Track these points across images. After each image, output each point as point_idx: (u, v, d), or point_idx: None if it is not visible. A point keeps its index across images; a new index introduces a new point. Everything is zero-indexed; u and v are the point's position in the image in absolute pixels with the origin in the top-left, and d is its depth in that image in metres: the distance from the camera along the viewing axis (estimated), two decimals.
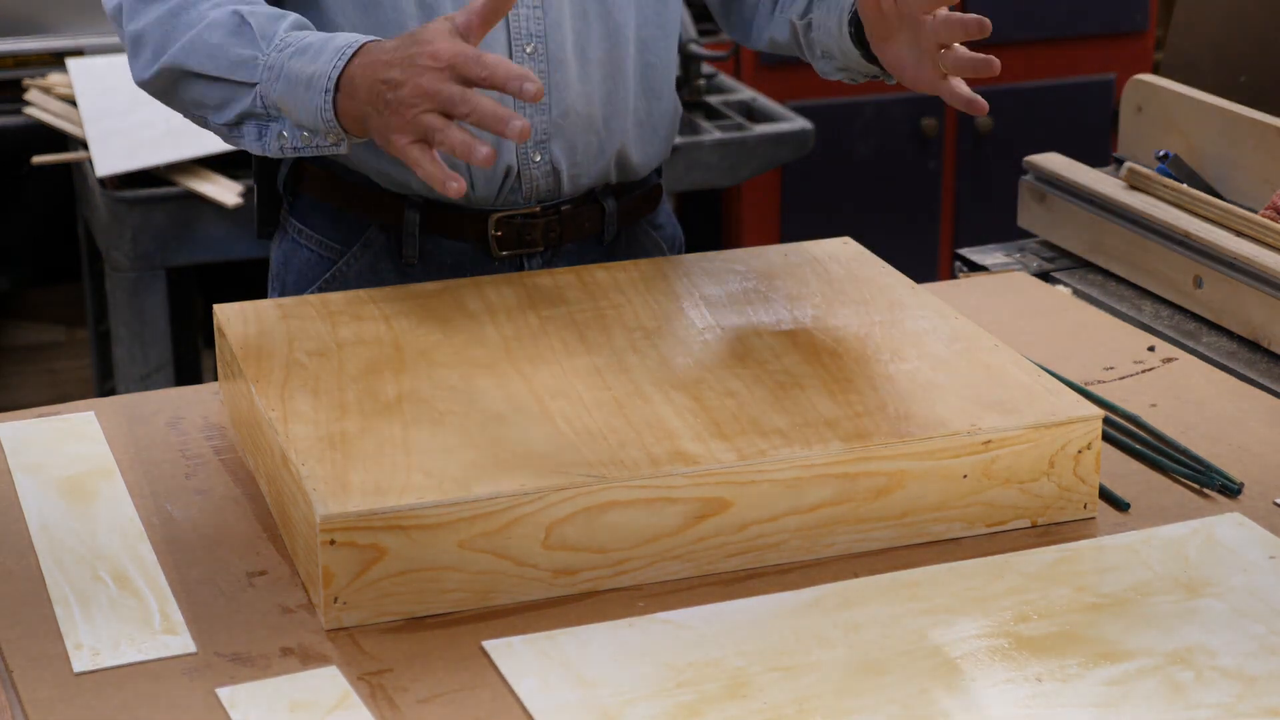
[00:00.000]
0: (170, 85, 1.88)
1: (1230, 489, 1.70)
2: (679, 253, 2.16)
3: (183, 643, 1.48)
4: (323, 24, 1.93)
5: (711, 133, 3.66)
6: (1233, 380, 1.95)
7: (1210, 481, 1.71)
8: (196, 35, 1.83)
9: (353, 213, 1.99)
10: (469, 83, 1.65)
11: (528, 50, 1.93)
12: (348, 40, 1.76)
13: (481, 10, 1.68)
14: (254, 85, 1.81)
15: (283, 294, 2.05)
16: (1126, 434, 1.81)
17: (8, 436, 1.82)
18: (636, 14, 1.99)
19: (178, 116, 1.97)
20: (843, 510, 1.60)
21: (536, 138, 1.95)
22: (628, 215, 2.07)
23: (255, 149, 1.87)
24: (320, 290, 2.02)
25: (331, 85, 1.74)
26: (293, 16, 1.84)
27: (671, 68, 2.07)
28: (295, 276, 2.05)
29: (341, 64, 1.74)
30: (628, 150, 2.02)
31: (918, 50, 1.80)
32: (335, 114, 1.75)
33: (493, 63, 1.65)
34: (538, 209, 1.99)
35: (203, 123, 1.92)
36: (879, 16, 1.81)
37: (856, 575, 1.57)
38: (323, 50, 1.76)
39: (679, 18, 2.05)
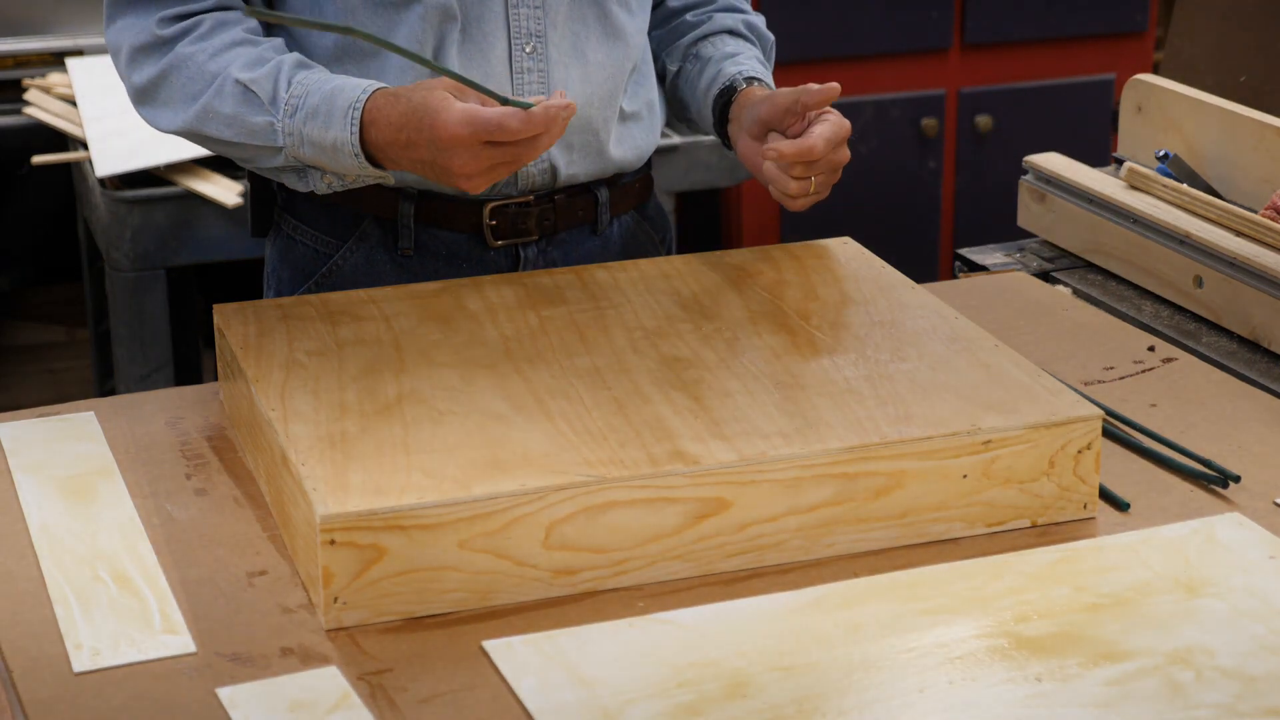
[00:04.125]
0: (195, 141, 1.94)
1: (1230, 476, 1.71)
2: (668, 240, 2.18)
3: (183, 643, 1.48)
4: None
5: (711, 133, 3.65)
6: (1233, 380, 1.95)
7: (1213, 477, 1.72)
8: (208, 104, 1.88)
9: (347, 206, 1.99)
10: (491, 142, 1.76)
11: (527, 50, 1.94)
12: (349, 98, 1.82)
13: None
14: (280, 148, 1.88)
15: (278, 291, 2.06)
16: (1125, 433, 1.81)
17: (8, 436, 1.82)
18: (632, 17, 2.02)
19: None
20: (843, 510, 1.60)
21: None
22: (620, 204, 2.08)
23: (300, 188, 1.93)
24: (317, 284, 2.02)
25: (358, 149, 1.83)
26: (288, 61, 1.87)
27: (652, 61, 2.12)
28: (291, 272, 2.05)
29: (356, 129, 1.82)
30: (622, 145, 2.04)
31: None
32: (373, 167, 1.85)
33: (517, 126, 1.74)
34: (531, 198, 2.00)
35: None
36: (775, 116, 1.93)
37: (856, 575, 1.57)
38: (331, 115, 1.83)
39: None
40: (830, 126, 1.90)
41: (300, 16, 1.90)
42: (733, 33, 2.12)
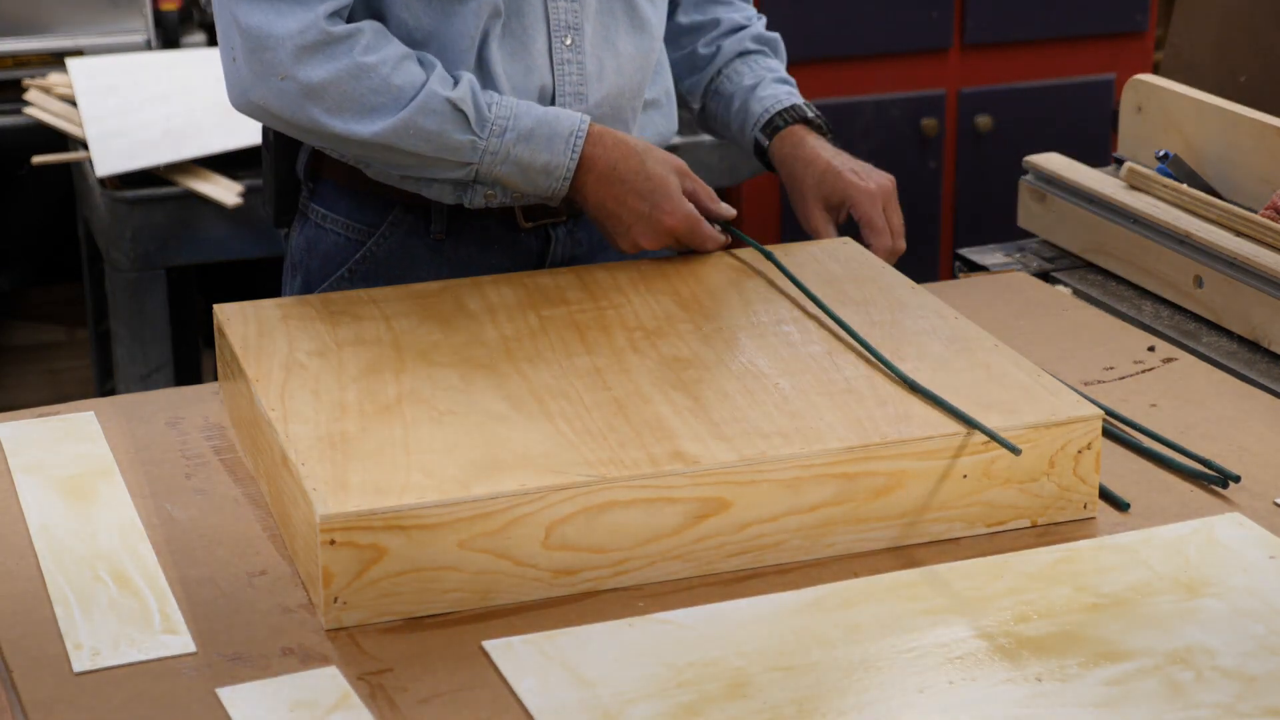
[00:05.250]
0: (358, 150, 1.94)
1: (1230, 476, 1.71)
2: None
3: (183, 643, 1.48)
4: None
5: None
6: (1233, 380, 1.95)
7: (1214, 478, 1.72)
8: (409, 120, 1.88)
9: (378, 194, 2.00)
10: (680, 242, 1.98)
11: (566, 43, 1.98)
12: (569, 126, 1.93)
13: (705, 209, 1.98)
14: (470, 164, 1.92)
15: (306, 280, 2.07)
16: (1126, 433, 1.81)
17: (8, 436, 1.82)
18: (655, 9, 2.06)
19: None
20: (843, 510, 1.60)
21: None
22: None
23: (446, 200, 1.98)
24: (350, 271, 2.04)
25: (570, 175, 1.94)
26: (473, 79, 1.92)
27: (665, 51, 2.17)
28: (321, 262, 2.06)
29: (577, 156, 1.93)
30: (646, 132, 2.09)
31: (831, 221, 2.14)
32: (569, 197, 1.96)
33: (707, 237, 1.97)
34: None
35: (363, 166, 2.00)
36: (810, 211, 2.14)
37: (856, 575, 1.57)
38: (551, 140, 1.93)
39: None
40: (897, 218, 2.09)
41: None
42: (743, 55, 2.19)
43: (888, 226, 2.07)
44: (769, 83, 2.17)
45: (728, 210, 1.99)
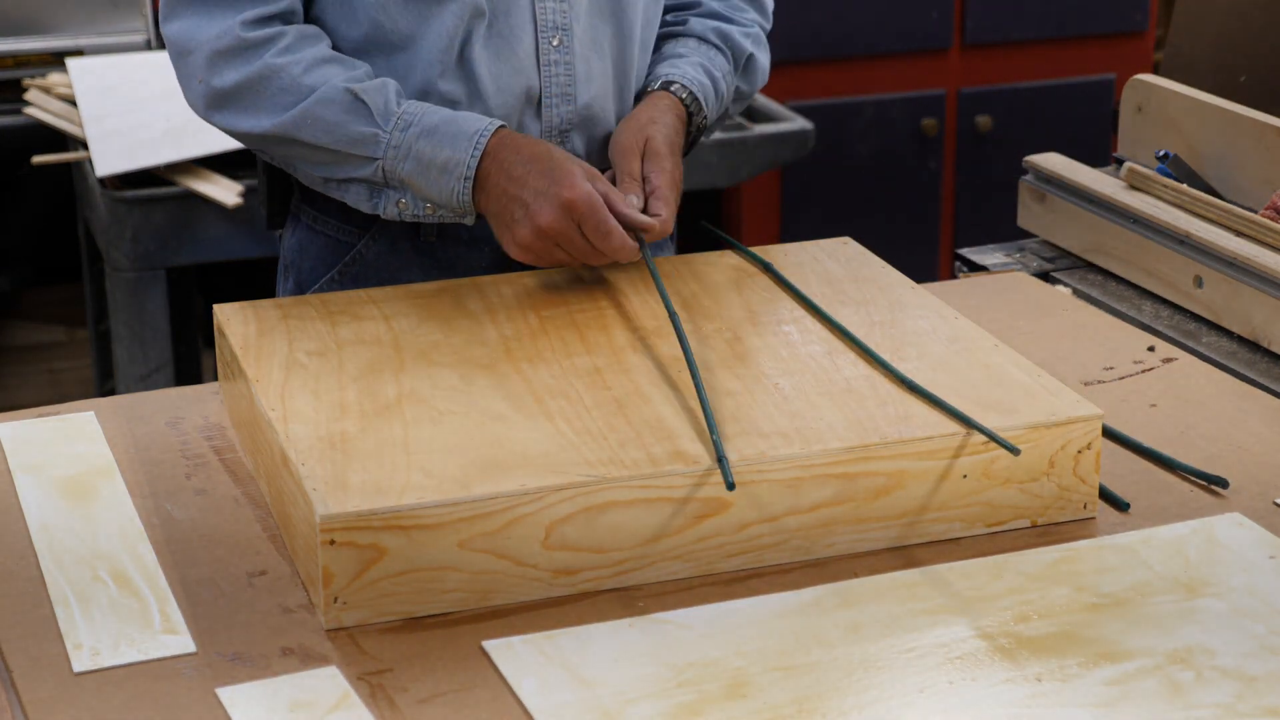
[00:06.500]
0: (271, 147, 1.94)
1: (1217, 481, 1.71)
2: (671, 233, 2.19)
3: (183, 643, 1.48)
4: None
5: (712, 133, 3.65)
6: (1233, 380, 1.95)
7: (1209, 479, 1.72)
8: (308, 110, 1.88)
9: None
10: (583, 229, 1.83)
11: (554, 43, 1.97)
12: (476, 125, 1.88)
13: (617, 212, 1.85)
14: (375, 160, 1.89)
15: (297, 282, 2.07)
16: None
17: (8, 436, 1.82)
18: (642, 13, 2.04)
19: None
20: (843, 510, 1.60)
21: (560, 128, 2.00)
22: None
23: (364, 207, 1.95)
24: (340, 273, 2.04)
25: (471, 174, 1.87)
26: (394, 84, 1.90)
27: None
28: (312, 264, 2.06)
29: (479, 154, 1.87)
30: None
31: None
32: (472, 199, 1.88)
33: (612, 226, 1.83)
34: None
35: (291, 169, 2.00)
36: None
37: (856, 575, 1.57)
38: (455, 136, 1.88)
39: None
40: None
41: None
42: (701, 39, 2.10)
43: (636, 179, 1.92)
44: (695, 64, 2.06)
45: (645, 221, 1.86)
